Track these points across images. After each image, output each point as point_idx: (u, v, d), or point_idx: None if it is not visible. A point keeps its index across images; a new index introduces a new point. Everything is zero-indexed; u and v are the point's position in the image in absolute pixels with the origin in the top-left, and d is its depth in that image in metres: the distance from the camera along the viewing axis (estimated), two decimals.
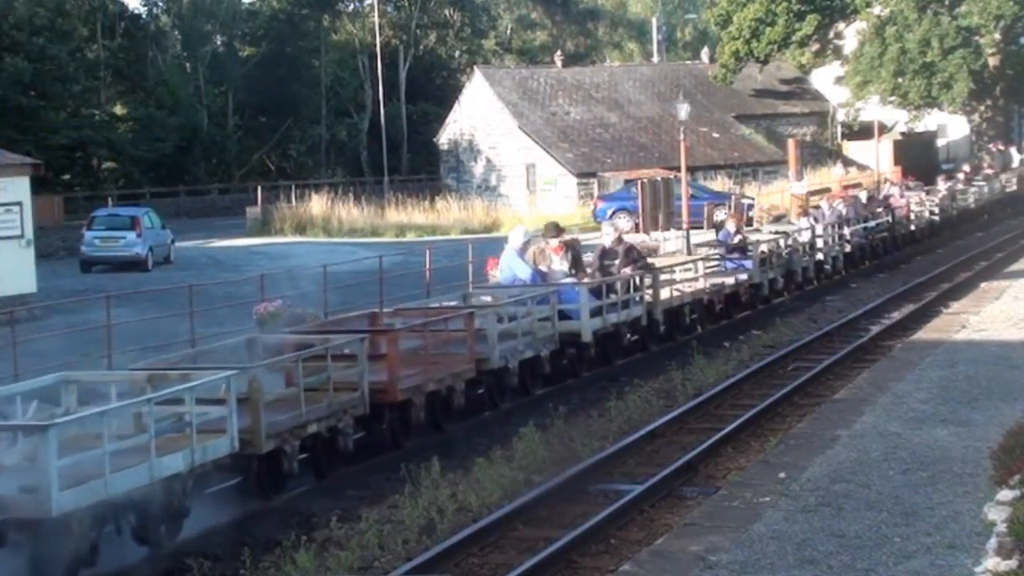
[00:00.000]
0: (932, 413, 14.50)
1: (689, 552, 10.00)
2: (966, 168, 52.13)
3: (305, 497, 13.69)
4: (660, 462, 14.42)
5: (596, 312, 19.74)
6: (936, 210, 41.45)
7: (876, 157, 55.66)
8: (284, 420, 13.24)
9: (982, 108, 62.00)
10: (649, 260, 24.91)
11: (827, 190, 49.50)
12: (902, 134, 63.16)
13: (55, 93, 64.67)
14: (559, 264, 20.59)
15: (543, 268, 20.51)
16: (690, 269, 24.94)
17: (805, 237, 30.26)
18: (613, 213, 46.73)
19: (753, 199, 46.51)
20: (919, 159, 59.73)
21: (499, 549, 11.66)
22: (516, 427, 15.92)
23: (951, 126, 65.73)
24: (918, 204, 40.49)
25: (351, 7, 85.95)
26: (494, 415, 17.50)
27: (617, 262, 21.32)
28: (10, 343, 18.46)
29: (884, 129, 60.10)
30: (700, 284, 24.41)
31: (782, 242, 28.78)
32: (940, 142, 66.46)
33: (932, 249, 39.03)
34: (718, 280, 25.60)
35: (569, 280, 20.22)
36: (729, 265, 27.02)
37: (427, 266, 27.71)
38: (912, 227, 39.19)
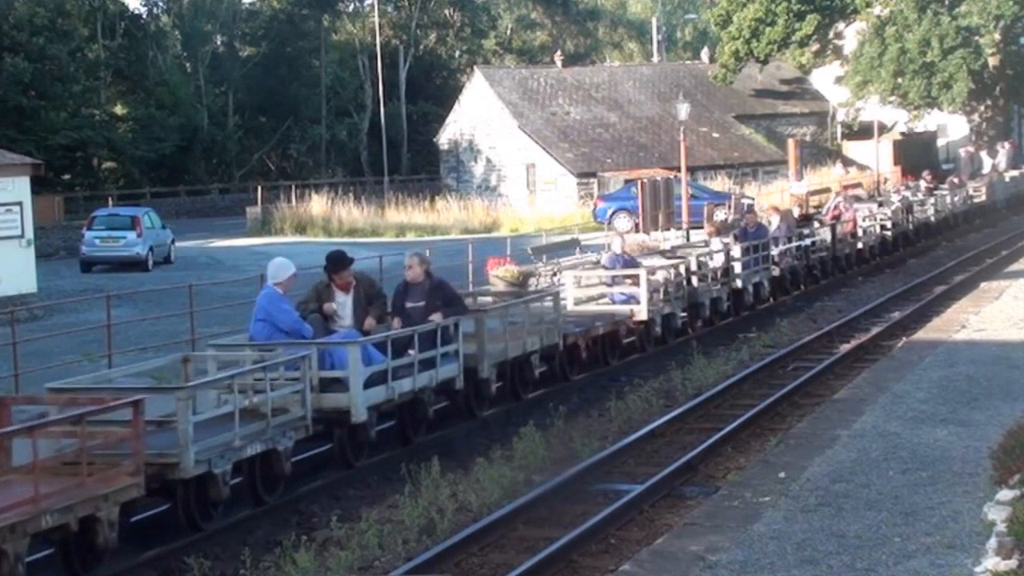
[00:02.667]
0: (932, 413, 14.50)
1: (689, 552, 10.00)
2: (926, 175, 46.84)
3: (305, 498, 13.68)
4: (660, 462, 14.41)
5: (378, 378, 14.37)
6: (888, 224, 35.72)
7: (876, 157, 55.65)
8: None
9: (982, 108, 61.98)
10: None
11: (827, 190, 49.55)
12: (902, 134, 63.16)
13: (55, 93, 64.74)
14: (344, 309, 15.36)
15: (334, 306, 15.34)
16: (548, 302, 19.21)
17: (718, 261, 25.24)
18: (613, 213, 46.78)
19: (753, 199, 46.48)
20: (919, 159, 59.68)
21: (499, 549, 11.66)
22: (516, 427, 15.93)
23: (951, 126, 65.71)
24: (868, 218, 34.76)
25: (351, 7, 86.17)
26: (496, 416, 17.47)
27: (421, 304, 15.87)
28: (10, 343, 18.48)
29: (884, 129, 60.08)
30: (550, 326, 18.76)
31: (683, 268, 23.55)
32: (940, 142, 66.45)
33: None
34: (586, 316, 20.83)
35: (341, 332, 14.97)
36: (617, 297, 22.03)
37: None
38: (859, 245, 33.56)
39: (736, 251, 25.87)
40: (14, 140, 54.73)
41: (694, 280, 23.83)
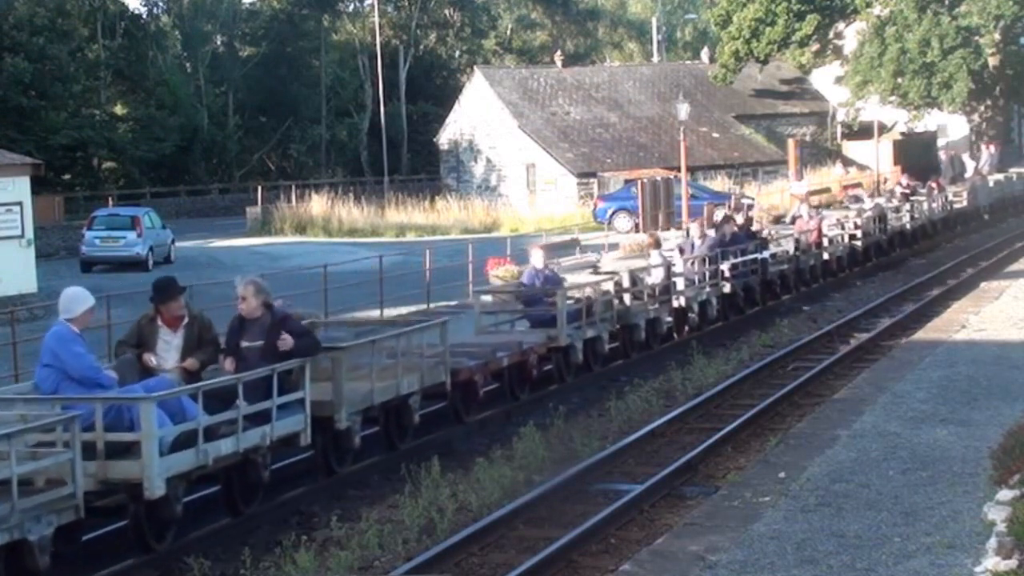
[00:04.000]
0: (932, 413, 14.51)
1: (689, 552, 10.00)
2: (902, 181, 43.58)
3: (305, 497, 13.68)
4: (660, 462, 14.42)
5: (187, 440, 11.38)
6: (858, 234, 33.11)
7: (876, 157, 55.67)
8: None
9: (982, 108, 62.00)
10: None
11: (827, 190, 49.53)
12: (902, 134, 63.18)
13: (55, 93, 64.74)
14: (168, 350, 12.58)
15: (152, 359, 12.41)
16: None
17: (656, 277, 22.40)
18: (613, 213, 46.78)
19: (753, 199, 46.50)
20: (919, 159, 59.69)
21: (499, 549, 11.66)
22: (516, 427, 15.92)
23: (951, 126, 65.72)
24: (835, 227, 32.39)
25: (351, 7, 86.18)
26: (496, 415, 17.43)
27: (259, 344, 12.71)
28: (10, 343, 18.50)
29: (884, 129, 60.08)
30: (434, 361, 15.58)
31: (612, 285, 21.06)
32: (940, 142, 66.46)
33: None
34: (485, 345, 17.84)
35: (150, 381, 11.89)
36: (534, 319, 19.60)
37: (427, 266, 27.77)
38: (825, 256, 30.91)
39: (679, 265, 23.23)
40: (14, 140, 54.73)
41: (627, 299, 21.13)
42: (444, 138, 66.30)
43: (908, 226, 37.78)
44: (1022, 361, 17.54)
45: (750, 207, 43.05)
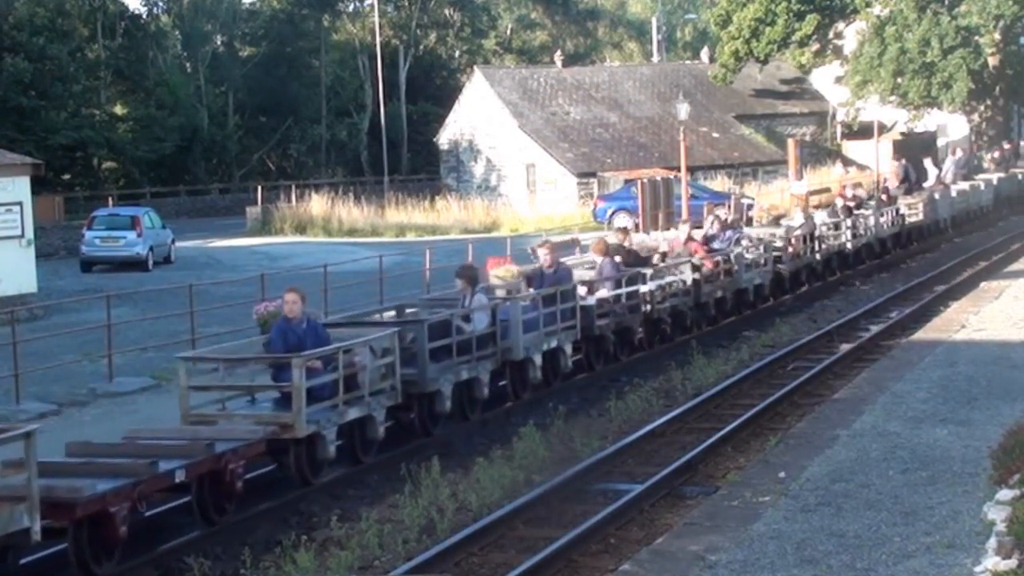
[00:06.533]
0: (932, 413, 14.51)
1: (689, 552, 10.01)
2: (848, 193, 37.18)
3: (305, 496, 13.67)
4: (660, 461, 14.43)
5: None
6: (781, 257, 27.74)
7: (876, 157, 55.63)
8: None
9: (982, 108, 61.97)
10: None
11: (827, 190, 49.44)
12: (902, 134, 63.14)
13: (55, 93, 64.70)
14: None
15: None
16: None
17: (480, 323, 16.93)
18: (613, 213, 46.78)
19: (753, 199, 46.49)
20: (919, 159, 59.62)
21: (499, 549, 11.67)
22: (516, 427, 15.92)
23: (951, 126, 65.69)
24: (753, 249, 26.36)
25: (351, 7, 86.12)
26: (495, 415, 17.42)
27: None
28: (10, 343, 18.52)
29: (884, 129, 60.06)
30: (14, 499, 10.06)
31: (393, 341, 14.97)
32: (940, 142, 66.42)
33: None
34: (152, 447, 12.20)
35: None
36: (263, 405, 14.19)
37: (426, 266, 27.81)
38: (742, 286, 25.33)
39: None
40: (14, 140, 54.66)
41: (427, 354, 15.42)
42: (444, 138, 66.29)
43: (849, 245, 32.11)
44: (1022, 361, 17.55)
45: (750, 207, 43.12)
